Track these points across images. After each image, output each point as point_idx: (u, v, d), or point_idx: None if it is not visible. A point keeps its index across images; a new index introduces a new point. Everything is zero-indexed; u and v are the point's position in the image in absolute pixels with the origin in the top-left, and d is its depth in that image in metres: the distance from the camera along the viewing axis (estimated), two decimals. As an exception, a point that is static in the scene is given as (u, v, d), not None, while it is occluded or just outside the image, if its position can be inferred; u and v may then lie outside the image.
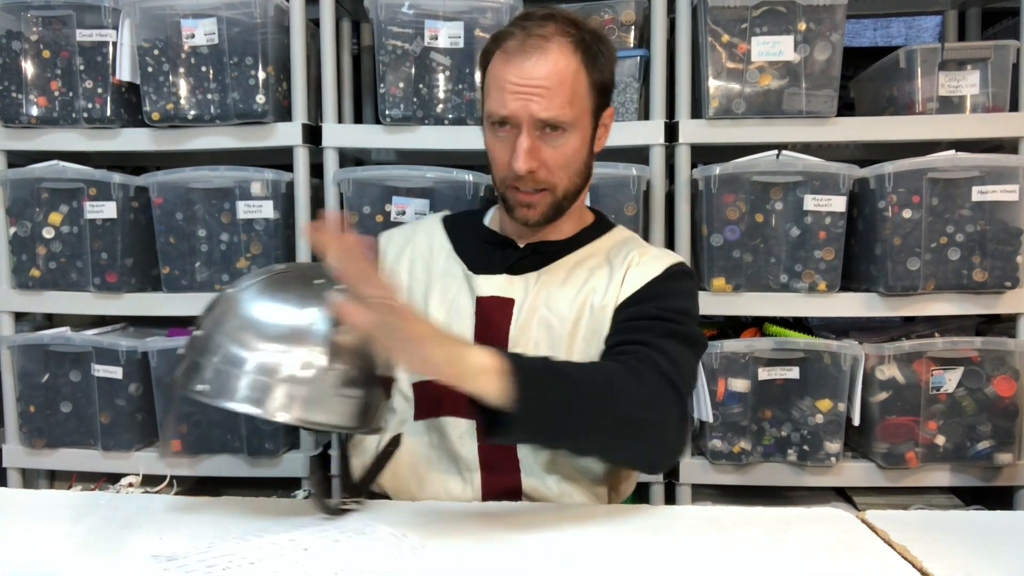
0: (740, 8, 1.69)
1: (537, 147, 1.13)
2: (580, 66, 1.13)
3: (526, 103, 1.11)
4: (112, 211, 1.79)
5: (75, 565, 0.81)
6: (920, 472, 1.74)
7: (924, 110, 1.74)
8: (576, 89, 1.13)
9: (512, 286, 1.20)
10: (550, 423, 0.93)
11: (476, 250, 1.26)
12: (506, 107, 1.12)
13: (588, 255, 1.24)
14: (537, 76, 1.11)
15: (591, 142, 1.20)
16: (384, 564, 0.80)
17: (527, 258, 1.23)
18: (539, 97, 1.11)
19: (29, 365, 1.85)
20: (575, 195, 1.21)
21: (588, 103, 1.16)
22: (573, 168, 1.17)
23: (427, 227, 1.34)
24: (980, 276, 1.67)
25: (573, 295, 1.18)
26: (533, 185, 1.15)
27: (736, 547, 0.84)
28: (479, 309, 1.19)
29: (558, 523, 0.92)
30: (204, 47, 1.75)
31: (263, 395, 0.89)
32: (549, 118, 1.11)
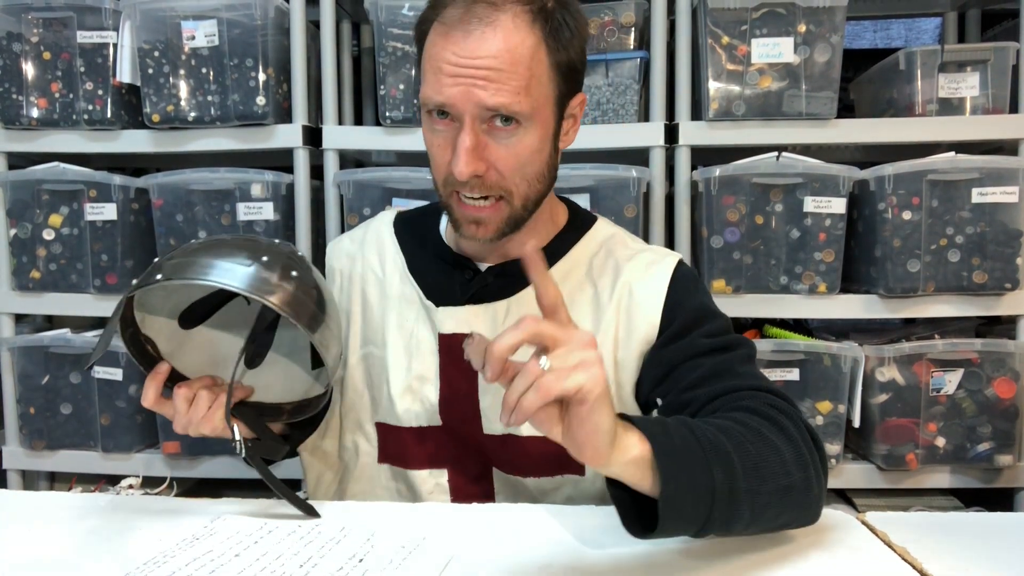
0: (740, 10, 1.69)
1: (484, 144, 0.91)
2: (540, 42, 0.90)
3: (469, 88, 0.88)
4: (112, 213, 1.79)
5: (75, 566, 0.81)
6: (920, 474, 1.74)
7: (924, 112, 1.74)
8: (534, 71, 0.90)
9: (477, 319, 1.02)
10: (709, 513, 0.73)
11: (432, 271, 1.07)
12: (442, 92, 0.89)
13: (565, 274, 1.03)
14: (483, 54, 0.87)
15: (554, 138, 0.97)
16: (384, 564, 0.80)
17: (490, 284, 1.04)
18: (486, 81, 0.88)
19: (29, 367, 1.85)
20: (536, 203, 0.99)
21: (550, 89, 0.93)
22: (531, 171, 0.94)
23: (377, 234, 1.13)
24: (980, 278, 1.67)
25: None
26: (481, 192, 0.93)
27: (736, 548, 0.84)
28: (443, 346, 1.03)
29: (558, 523, 0.92)
30: (204, 49, 1.75)
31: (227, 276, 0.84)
32: (498, 105, 0.88)
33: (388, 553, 0.82)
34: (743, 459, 0.75)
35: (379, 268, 1.10)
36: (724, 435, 0.77)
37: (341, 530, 0.88)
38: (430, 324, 1.05)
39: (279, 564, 0.80)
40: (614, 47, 1.79)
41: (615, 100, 1.77)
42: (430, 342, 1.05)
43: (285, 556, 0.82)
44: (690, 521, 0.73)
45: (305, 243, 1.82)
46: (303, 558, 0.81)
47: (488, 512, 0.97)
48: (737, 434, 0.78)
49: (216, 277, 0.84)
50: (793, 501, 0.79)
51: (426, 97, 0.92)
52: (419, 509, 0.98)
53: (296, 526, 0.90)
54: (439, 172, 0.96)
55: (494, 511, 0.98)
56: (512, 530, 0.91)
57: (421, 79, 0.95)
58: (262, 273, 0.86)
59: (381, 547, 0.84)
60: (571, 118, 1.01)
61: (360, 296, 1.10)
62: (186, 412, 0.94)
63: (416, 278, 1.08)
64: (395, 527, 0.90)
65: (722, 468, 0.73)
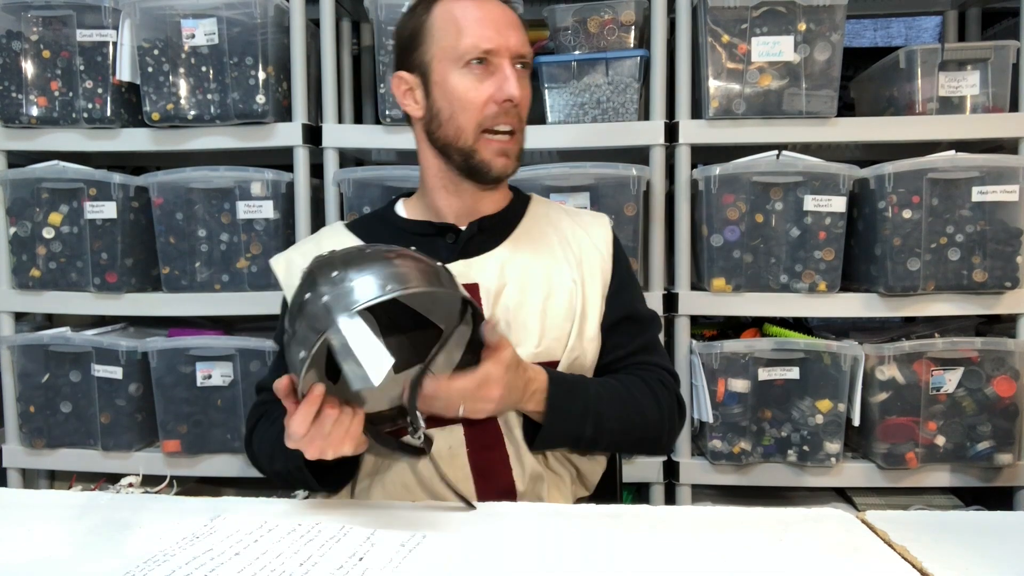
0: (740, 8, 1.69)
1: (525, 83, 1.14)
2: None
3: (507, 37, 1.10)
4: (112, 211, 1.79)
5: (75, 564, 0.81)
6: (920, 472, 1.74)
7: (924, 110, 1.74)
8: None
9: (471, 270, 1.14)
10: (578, 431, 1.09)
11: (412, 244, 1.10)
12: (492, 40, 1.09)
13: (531, 225, 1.22)
14: (507, 13, 1.13)
15: None
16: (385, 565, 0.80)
17: (474, 238, 1.17)
18: (515, 31, 1.11)
19: (29, 365, 1.85)
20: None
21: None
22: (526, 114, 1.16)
23: (332, 239, 1.21)
24: (980, 276, 1.67)
25: (533, 267, 1.15)
26: (514, 122, 1.12)
27: (736, 547, 0.84)
28: None
29: (557, 523, 0.92)
30: (204, 47, 1.75)
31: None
32: (525, 52, 1.12)
33: (388, 552, 0.82)
34: (612, 405, 1.10)
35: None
36: (608, 389, 1.11)
37: (341, 529, 0.88)
38: None
39: (279, 563, 0.80)
40: (614, 45, 1.79)
41: (615, 98, 1.76)
42: None
43: (285, 555, 0.82)
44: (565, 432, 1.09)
45: (305, 242, 1.81)
46: (303, 556, 0.81)
47: (489, 511, 0.97)
48: (620, 389, 1.12)
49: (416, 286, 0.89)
50: (641, 435, 1.14)
51: (472, 46, 1.09)
52: (419, 508, 0.98)
53: (296, 524, 0.90)
54: (475, 113, 1.11)
55: (494, 510, 0.98)
56: (513, 529, 0.91)
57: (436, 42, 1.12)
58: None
59: (381, 546, 0.84)
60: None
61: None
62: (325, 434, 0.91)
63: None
64: (395, 526, 0.90)
65: (593, 416, 1.08)
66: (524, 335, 1.12)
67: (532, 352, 1.11)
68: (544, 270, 1.16)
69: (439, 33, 1.12)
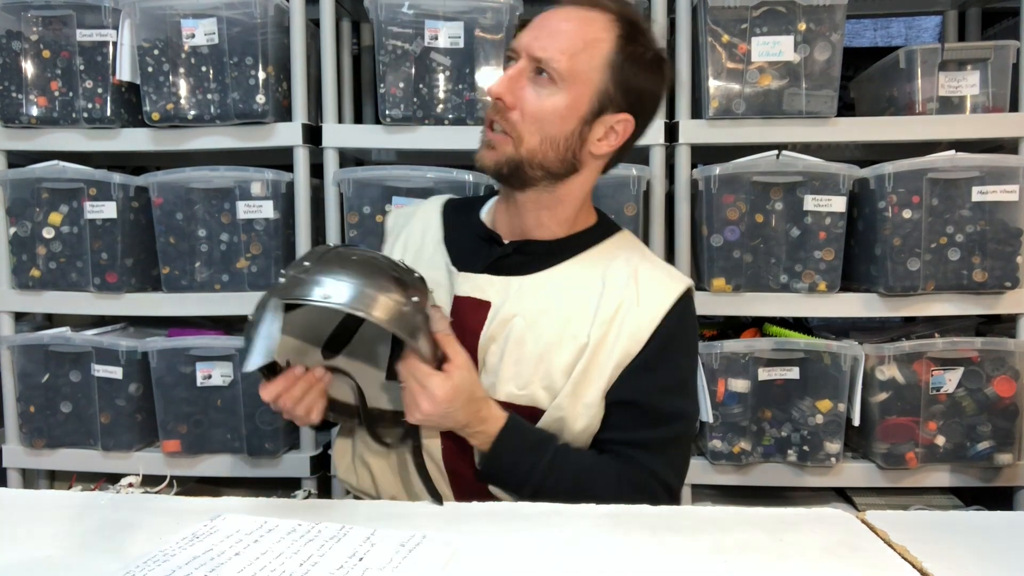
0: (740, 8, 1.69)
1: (521, 84, 1.06)
2: (609, 38, 1.06)
3: (532, 37, 1.06)
4: (112, 211, 1.79)
5: (75, 564, 0.81)
6: (920, 472, 1.74)
7: (924, 110, 1.74)
8: (588, 50, 1.05)
9: (491, 287, 1.12)
10: (515, 491, 1.08)
11: (464, 243, 1.19)
12: (520, 39, 1.07)
13: (582, 267, 1.13)
14: (561, 16, 1.07)
15: (582, 123, 1.08)
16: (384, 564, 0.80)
17: (510, 257, 1.14)
18: (546, 36, 1.06)
19: (29, 365, 1.85)
20: (542, 168, 1.08)
21: (595, 76, 1.06)
22: (547, 131, 1.06)
23: (427, 210, 1.27)
24: (980, 276, 1.67)
25: (554, 311, 1.09)
26: (498, 121, 1.07)
27: (736, 547, 0.84)
28: (455, 309, 1.12)
29: (557, 523, 0.92)
30: (204, 47, 1.75)
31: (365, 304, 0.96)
32: (542, 57, 1.04)
33: (388, 552, 0.82)
34: (560, 483, 1.05)
35: (419, 237, 1.23)
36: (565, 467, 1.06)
37: (341, 529, 0.88)
38: (449, 287, 1.15)
39: (279, 563, 0.80)
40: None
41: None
42: (445, 305, 1.13)
43: (285, 555, 0.82)
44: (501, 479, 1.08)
45: (305, 242, 1.82)
46: (303, 556, 0.81)
47: (489, 511, 0.97)
48: (580, 471, 1.07)
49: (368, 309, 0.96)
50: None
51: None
52: (419, 508, 0.98)
53: (296, 524, 0.90)
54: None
55: (494, 510, 0.98)
56: (512, 529, 0.91)
57: None
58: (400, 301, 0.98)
59: (381, 546, 0.84)
60: (610, 130, 1.10)
61: (398, 258, 1.20)
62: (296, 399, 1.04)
63: (448, 247, 1.19)
64: (395, 526, 0.90)
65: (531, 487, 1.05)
66: (512, 372, 1.09)
67: (514, 393, 1.08)
68: (563, 317, 1.09)
69: None
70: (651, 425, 1.09)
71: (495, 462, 1.06)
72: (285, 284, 0.98)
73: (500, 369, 1.09)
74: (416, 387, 1.00)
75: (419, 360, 1.00)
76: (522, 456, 1.06)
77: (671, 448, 1.12)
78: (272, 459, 1.84)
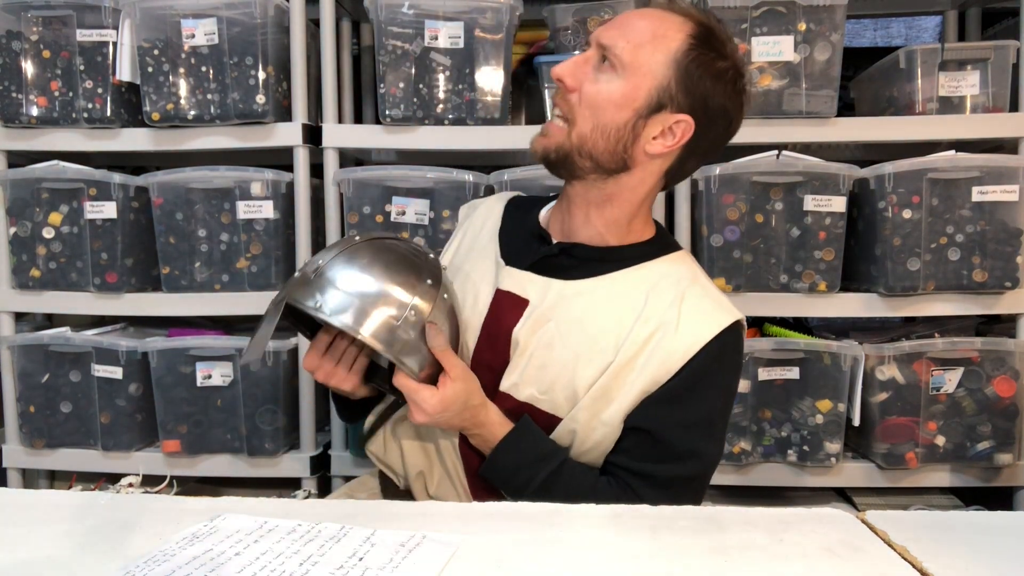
0: (740, 8, 1.69)
1: (586, 72, 1.05)
2: (679, 37, 1.03)
3: (609, 27, 1.06)
4: (112, 211, 1.79)
5: (75, 565, 0.81)
6: (920, 472, 1.74)
7: (924, 110, 1.74)
8: (655, 45, 1.03)
9: (531, 286, 1.10)
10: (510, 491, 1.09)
11: (517, 237, 1.18)
12: (594, 31, 1.08)
13: (628, 281, 1.09)
14: (634, 16, 1.06)
15: (637, 118, 1.04)
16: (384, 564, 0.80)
17: (556, 258, 1.11)
18: (616, 27, 1.05)
19: (29, 365, 1.85)
20: (591, 158, 1.05)
21: (658, 70, 1.03)
22: (600, 118, 1.04)
23: (492, 202, 1.27)
24: (980, 276, 1.67)
25: (590, 325, 1.07)
26: (561, 105, 1.07)
27: (736, 547, 0.84)
28: (495, 301, 1.12)
29: (557, 523, 0.92)
30: (204, 47, 1.75)
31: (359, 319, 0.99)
32: (607, 44, 1.04)
33: (388, 552, 0.82)
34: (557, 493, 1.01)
35: (479, 227, 1.24)
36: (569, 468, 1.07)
37: (341, 529, 0.88)
38: (494, 279, 1.15)
39: (279, 563, 0.80)
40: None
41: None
42: (487, 296, 1.14)
43: (285, 555, 0.82)
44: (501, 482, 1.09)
45: (305, 242, 1.82)
46: (303, 556, 0.81)
47: (489, 511, 0.97)
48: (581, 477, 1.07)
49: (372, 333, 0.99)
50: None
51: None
52: (419, 508, 0.98)
53: (296, 524, 0.90)
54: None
55: (494, 510, 0.98)
56: (513, 529, 0.91)
57: None
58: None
59: (381, 546, 0.84)
60: (668, 130, 1.05)
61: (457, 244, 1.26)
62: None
63: (501, 239, 1.19)
64: (395, 526, 0.90)
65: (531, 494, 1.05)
66: (536, 376, 1.08)
67: (535, 396, 1.08)
68: (596, 331, 1.06)
69: None
70: (661, 459, 1.05)
71: (493, 469, 1.09)
72: (296, 281, 1.01)
73: (526, 370, 1.09)
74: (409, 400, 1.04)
75: (407, 376, 1.02)
76: (520, 468, 1.07)
77: (678, 487, 1.07)
78: (272, 459, 1.84)
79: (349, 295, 0.99)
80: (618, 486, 1.07)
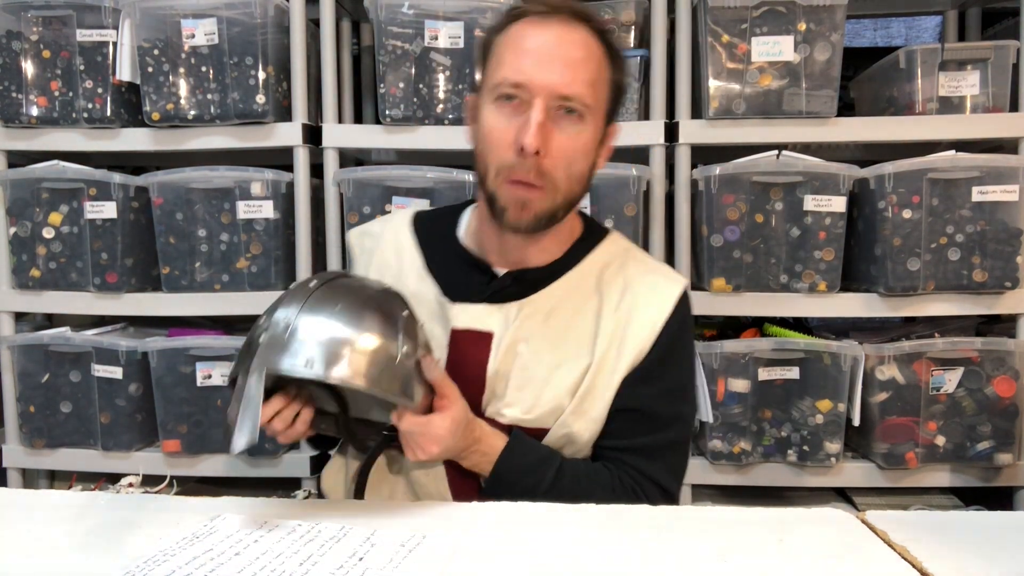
0: (740, 8, 1.69)
1: (549, 128, 0.96)
2: (604, 55, 1.01)
3: (547, 72, 0.95)
4: (112, 211, 1.79)
5: (75, 564, 0.81)
6: (920, 472, 1.74)
7: (924, 110, 1.74)
8: (600, 75, 1.00)
9: (491, 317, 1.08)
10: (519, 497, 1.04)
11: (450, 269, 1.12)
12: (523, 72, 0.96)
13: (576, 282, 1.10)
14: (564, 45, 0.97)
15: (596, 149, 1.04)
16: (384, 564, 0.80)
17: (508, 287, 1.09)
18: (563, 67, 0.96)
19: (29, 365, 1.85)
20: (569, 207, 1.05)
21: (605, 99, 1.02)
22: (577, 170, 1.01)
23: (395, 230, 1.19)
24: (980, 276, 1.67)
25: (557, 334, 1.07)
26: (535, 175, 0.98)
27: (736, 547, 0.84)
28: (453, 342, 1.08)
29: (558, 523, 0.92)
30: (204, 47, 1.75)
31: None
32: (571, 94, 0.96)
33: (388, 552, 0.82)
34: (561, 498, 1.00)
35: (395, 264, 1.16)
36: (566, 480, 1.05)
37: (341, 529, 0.88)
38: (443, 319, 1.10)
39: (279, 563, 0.80)
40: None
41: (615, 98, 1.76)
42: (441, 338, 1.09)
43: (285, 555, 0.82)
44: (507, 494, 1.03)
45: (305, 242, 1.82)
46: (303, 556, 0.81)
47: (489, 510, 0.97)
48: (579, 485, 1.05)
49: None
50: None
51: (502, 77, 0.98)
52: (419, 508, 0.98)
53: (296, 524, 0.90)
54: (496, 155, 1.00)
55: (495, 509, 0.98)
56: (513, 529, 0.91)
57: (487, 73, 1.03)
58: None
59: (381, 546, 0.84)
60: (605, 146, 1.08)
61: (363, 273, 1.18)
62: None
63: (434, 275, 1.13)
64: (395, 526, 0.90)
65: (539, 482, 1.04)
66: (517, 397, 1.08)
67: (522, 418, 1.07)
68: (565, 339, 1.07)
69: (495, 58, 1.02)
70: (651, 431, 1.08)
71: (501, 477, 1.06)
72: (269, 343, 0.92)
73: (506, 395, 1.08)
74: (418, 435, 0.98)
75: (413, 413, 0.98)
76: (526, 472, 1.05)
77: (670, 452, 1.10)
78: (272, 459, 1.84)
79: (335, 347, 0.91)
80: (613, 468, 1.08)
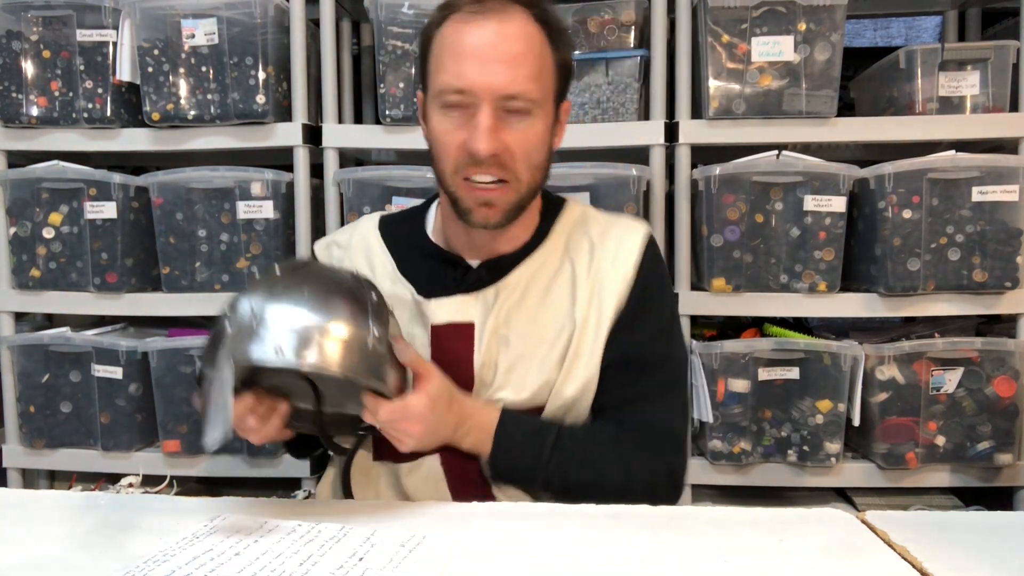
0: (740, 8, 1.69)
1: (499, 128, 0.97)
2: (544, 39, 1.01)
3: (488, 74, 0.96)
4: (112, 211, 1.79)
5: (75, 565, 0.81)
6: (920, 472, 1.74)
7: (924, 110, 1.74)
8: (543, 63, 1.00)
9: (469, 307, 1.08)
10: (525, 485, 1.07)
11: (423, 268, 1.12)
12: (464, 78, 0.96)
13: (545, 257, 1.11)
14: (502, 42, 0.96)
15: (550, 133, 1.06)
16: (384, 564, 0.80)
17: (483, 277, 1.10)
18: (504, 67, 0.96)
19: (29, 365, 1.85)
20: (534, 194, 1.07)
21: (552, 85, 1.03)
22: (535, 160, 1.02)
23: (363, 236, 1.19)
24: (980, 276, 1.67)
25: (536, 310, 1.08)
26: (495, 174, 0.99)
27: (736, 547, 0.84)
28: (435, 338, 1.08)
29: (558, 523, 0.92)
30: (204, 47, 1.75)
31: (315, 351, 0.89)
32: (516, 92, 0.96)
33: (388, 552, 0.82)
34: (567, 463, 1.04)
35: (367, 271, 1.14)
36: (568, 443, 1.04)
37: (341, 529, 0.88)
38: (421, 318, 1.10)
39: (279, 563, 0.80)
40: (614, 45, 1.79)
41: (615, 98, 1.76)
42: (422, 336, 1.09)
43: (285, 555, 0.82)
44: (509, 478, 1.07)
45: (305, 242, 1.81)
46: (303, 556, 0.81)
47: (489, 511, 0.97)
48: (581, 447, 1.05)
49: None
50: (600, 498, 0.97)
51: (444, 84, 0.98)
52: (419, 508, 0.98)
53: (296, 524, 0.90)
54: (450, 159, 1.01)
55: (495, 509, 0.98)
56: (513, 529, 0.91)
57: (429, 75, 1.03)
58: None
59: (381, 546, 0.84)
60: (559, 123, 1.09)
61: None
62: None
63: (407, 277, 1.13)
64: (395, 526, 0.90)
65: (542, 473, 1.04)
66: (512, 379, 1.07)
67: (514, 400, 1.07)
68: (544, 310, 1.08)
69: (434, 60, 1.02)
70: (643, 377, 1.08)
71: (501, 458, 1.04)
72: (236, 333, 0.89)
73: (495, 381, 1.08)
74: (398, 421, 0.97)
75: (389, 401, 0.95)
76: (526, 446, 1.04)
77: (668, 394, 1.10)
78: (272, 459, 1.84)
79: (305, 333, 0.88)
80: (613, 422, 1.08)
